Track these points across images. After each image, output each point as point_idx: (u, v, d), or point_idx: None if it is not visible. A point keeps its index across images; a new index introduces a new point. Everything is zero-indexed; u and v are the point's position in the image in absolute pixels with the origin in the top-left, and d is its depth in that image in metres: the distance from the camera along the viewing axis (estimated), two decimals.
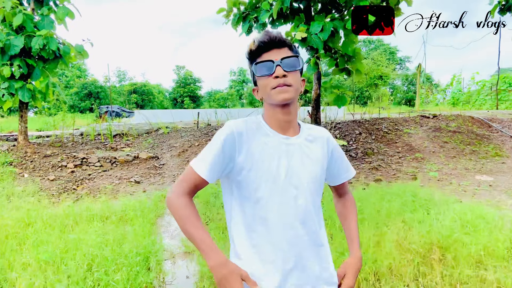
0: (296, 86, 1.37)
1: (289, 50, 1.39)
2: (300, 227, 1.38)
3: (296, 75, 1.38)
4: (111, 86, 43.07)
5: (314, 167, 1.43)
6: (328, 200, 5.80)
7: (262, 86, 1.39)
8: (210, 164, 1.34)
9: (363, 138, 10.96)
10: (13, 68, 9.28)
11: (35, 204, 6.64)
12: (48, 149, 10.47)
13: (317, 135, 1.50)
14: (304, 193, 1.39)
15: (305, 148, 1.44)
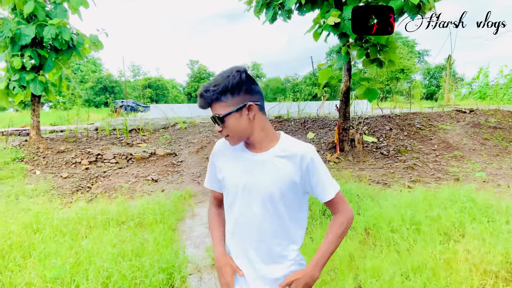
0: (234, 132, 1.51)
1: (219, 102, 1.48)
2: (255, 232, 1.57)
3: (230, 122, 1.48)
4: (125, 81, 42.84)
5: (274, 179, 1.52)
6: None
7: None
8: (208, 176, 1.80)
9: (394, 135, 10.18)
10: (24, 59, 8.78)
11: (45, 205, 6.11)
12: (61, 144, 9.98)
13: (292, 152, 1.53)
14: (260, 204, 1.54)
15: (269, 163, 1.54)
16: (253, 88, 1.51)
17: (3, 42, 8.74)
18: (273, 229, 1.57)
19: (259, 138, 1.55)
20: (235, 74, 1.47)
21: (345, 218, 1.59)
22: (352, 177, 7.59)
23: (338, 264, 3.71)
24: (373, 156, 9.17)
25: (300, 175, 1.53)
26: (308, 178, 1.55)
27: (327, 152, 9.30)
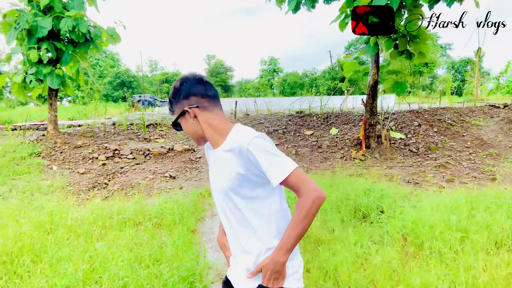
0: (189, 134, 1.71)
1: (172, 112, 1.71)
2: (227, 224, 1.68)
3: (183, 126, 1.70)
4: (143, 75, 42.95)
5: (224, 174, 1.59)
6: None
7: None
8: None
9: (423, 131, 9.64)
10: (41, 52, 8.58)
11: (61, 203, 5.88)
12: (78, 139, 9.81)
13: (233, 145, 1.55)
14: (222, 197, 1.64)
15: (219, 158, 1.63)
16: (190, 92, 1.62)
17: (20, 34, 8.57)
18: (238, 223, 1.62)
19: (210, 136, 1.64)
20: (174, 85, 1.67)
21: (306, 200, 1.46)
22: (380, 176, 7.14)
23: (377, 276, 3.31)
24: (401, 154, 8.68)
25: (245, 166, 1.53)
26: (254, 168, 1.53)
27: (352, 149, 8.85)
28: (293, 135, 9.67)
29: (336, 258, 3.61)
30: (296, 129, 10.00)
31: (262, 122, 10.51)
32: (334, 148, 8.90)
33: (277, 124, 10.19)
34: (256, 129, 1.57)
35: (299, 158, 8.50)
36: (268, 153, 1.50)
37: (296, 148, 9.00)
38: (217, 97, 1.68)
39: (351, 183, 6.20)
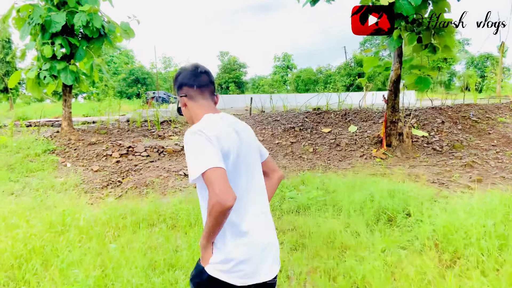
0: (186, 118, 1.83)
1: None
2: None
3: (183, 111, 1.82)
4: (157, 72, 43.02)
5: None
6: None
7: None
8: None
9: (447, 128, 9.25)
10: (55, 47, 8.47)
11: (73, 201, 5.74)
12: (93, 136, 9.71)
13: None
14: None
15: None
16: (182, 82, 1.75)
17: (33, 29, 8.48)
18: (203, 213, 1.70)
19: (194, 123, 1.70)
20: (175, 75, 1.81)
21: (209, 203, 1.45)
22: (403, 176, 6.82)
23: None
24: (424, 152, 8.32)
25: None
26: None
27: (372, 147, 8.52)
28: (310, 132, 9.39)
29: (364, 266, 3.35)
30: (313, 126, 9.71)
31: (277, 119, 10.25)
32: (353, 146, 8.59)
33: (294, 121, 9.92)
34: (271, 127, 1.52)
35: (316, 157, 8.22)
36: (189, 151, 1.55)
37: (313, 146, 8.72)
38: (204, 87, 1.75)
39: (374, 183, 5.91)
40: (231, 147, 1.58)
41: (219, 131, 1.57)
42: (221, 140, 1.55)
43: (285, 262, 3.68)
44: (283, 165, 7.81)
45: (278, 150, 8.67)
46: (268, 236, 1.69)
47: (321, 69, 43.02)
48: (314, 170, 7.44)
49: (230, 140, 1.59)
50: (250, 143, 1.71)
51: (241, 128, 1.71)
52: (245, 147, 1.66)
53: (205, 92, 1.76)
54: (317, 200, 5.27)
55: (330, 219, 4.74)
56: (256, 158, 1.75)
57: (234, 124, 1.70)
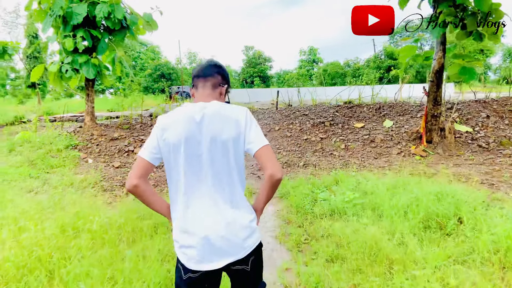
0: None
1: None
2: None
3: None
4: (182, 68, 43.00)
5: None
6: None
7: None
8: None
9: (492, 123, 8.42)
10: (76, 40, 8.22)
11: (91, 200, 5.43)
12: (115, 131, 9.46)
13: None
14: None
15: None
16: (192, 75, 1.89)
17: (55, 22, 8.25)
18: None
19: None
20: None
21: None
22: (448, 176, 6.15)
23: None
24: (469, 149, 7.57)
25: None
26: None
27: (411, 144, 7.84)
28: (342, 127, 8.78)
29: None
30: (344, 121, 9.09)
31: (306, 113, 9.68)
32: (389, 143, 7.93)
33: (323, 116, 9.32)
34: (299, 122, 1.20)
35: (349, 154, 7.62)
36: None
37: (345, 142, 8.12)
38: (200, 77, 1.83)
39: (418, 184, 5.29)
40: (177, 137, 1.62)
41: (168, 122, 1.67)
42: (166, 131, 1.64)
43: (321, 276, 3.18)
44: (312, 162, 7.27)
45: (306, 147, 8.12)
46: (213, 229, 1.64)
47: (348, 63, 41.83)
48: (347, 168, 6.86)
49: (178, 131, 1.63)
50: (215, 134, 1.64)
51: (208, 117, 1.65)
52: (204, 137, 1.64)
53: (202, 81, 1.83)
54: (354, 203, 4.72)
55: (370, 225, 4.19)
56: (220, 150, 1.65)
57: (198, 113, 1.66)
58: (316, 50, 51.37)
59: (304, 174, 6.71)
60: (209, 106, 1.69)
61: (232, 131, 1.65)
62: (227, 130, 1.64)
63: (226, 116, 1.67)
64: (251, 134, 1.68)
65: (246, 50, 50.95)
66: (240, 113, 1.70)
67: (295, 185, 5.83)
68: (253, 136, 1.67)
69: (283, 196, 5.64)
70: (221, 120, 1.66)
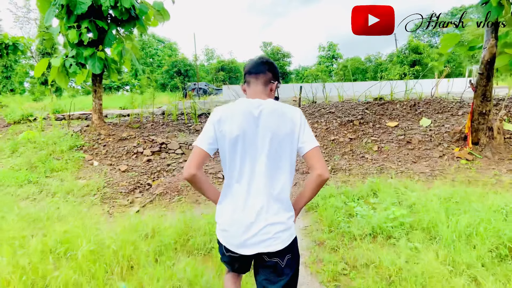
0: None
1: None
2: None
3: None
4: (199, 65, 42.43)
5: None
6: None
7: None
8: None
9: None
10: (81, 31, 7.54)
11: (88, 213, 4.71)
12: (124, 130, 8.78)
13: None
14: None
15: None
16: (244, 71, 1.95)
17: (59, 12, 7.60)
18: None
19: None
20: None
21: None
22: (499, 183, 5.19)
23: None
24: None
25: None
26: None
27: (454, 145, 6.87)
28: (373, 126, 7.85)
29: None
30: (375, 119, 8.15)
31: (332, 111, 8.78)
32: (429, 144, 6.98)
33: (352, 114, 8.40)
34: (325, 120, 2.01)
35: (383, 157, 6.71)
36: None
37: (377, 143, 7.20)
38: (252, 73, 1.87)
39: (480, 197, 4.37)
40: (235, 129, 1.69)
41: (226, 114, 1.73)
42: (224, 123, 1.72)
43: None
44: (341, 166, 6.40)
45: (334, 148, 7.24)
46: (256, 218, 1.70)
47: (370, 58, 40.38)
48: (383, 174, 5.97)
49: (236, 124, 1.70)
50: (272, 130, 1.69)
51: (266, 114, 1.71)
52: (260, 132, 1.70)
53: (253, 77, 1.87)
54: (401, 221, 3.84)
55: (424, 251, 3.33)
56: (275, 145, 1.71)
57: (256, 109, 1.72)
58: (335, 45, 50.00)
59: (334, 181, 5.86)
60: (266, 103, 1.75)
61: (287, 129, 1.71)
62: (283, 127, 1.71)
63: (282, 114, 1.73)
64: (304, 134, 1.74)
65: (264, 46, 50.06)
66: (295, 113, 1.76)
67: (324, 195, 4.98)
68: (306, 137, 1.74)
69: (310, 209, 4.81)
70: (277, 118, 1.71)
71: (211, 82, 40.01)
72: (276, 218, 1.71)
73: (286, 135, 1.71)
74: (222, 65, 43.79)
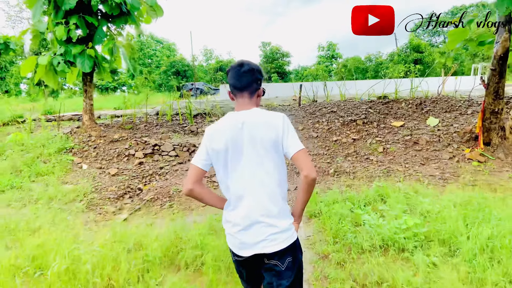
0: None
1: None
2: None
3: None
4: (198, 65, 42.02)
5: None
6: None
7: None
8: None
9: None
10: (69, 27, 7.15)
11: (74, 220, 4.32)
12: (116, 131, 8.38)
13: None
14: None
15: None
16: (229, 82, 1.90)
17: (47, 8, 7.21)
18: None
19: None
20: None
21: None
22: None
23: None
24: None
25: None
26: None
27: (464, 146, 6.48)
28: (377, 126, 7.45)
29: None
30: (380, 119, 7.75)
31: (334, 110, 8.38)
32: (437, 145, 6.59)
33: (355, 113, 8.00)
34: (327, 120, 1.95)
35: (389, 159, 6.31)
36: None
37: (383, 144, 6.81)
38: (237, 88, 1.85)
39: (503, 204, 3.97)
40: (222, 144, 1.76)
41: (214, 132, 1.82)
42: (213, 140, 1.79)
43: None
44: (345, 169, 6.01)
45: (337, 149, 6.85)
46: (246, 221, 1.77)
47: (370, 57, 39.91)
48: (390, 177, 5.58)
49: (223, 138, 1.76)
50: (257, 139, 1.74)
51: (250, 124, 1.76)
52: (246, 142, 1.75)
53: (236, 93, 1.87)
54: (414, 231, 3.44)
55: (442, 267, 2.94)
56: (262, 153, 1.75)
57: (240, 121, 1.77)
58: (335, 45, 49.58)
59: (337, 185, 5.46)
60: (250, 113, 1.80)
61: (272, 136, 1.75)
62: (267, 135, 1.74)
63: (265, 122, 1.77)
64: (288, 139, 1.76)
65: (263, 46, 49.66)
66: (278, 120, 1.78)
67: (327, 200, 4.58)
68: (290, 141, 1.76)
69: (313, 216, 4.41)
70: (261, 126, 1.76)
71: (210, 82, 39.61)
72: (269, 221, 1.76)
73: (271, 142, 1.74)
74: (221, 65, 43.41)
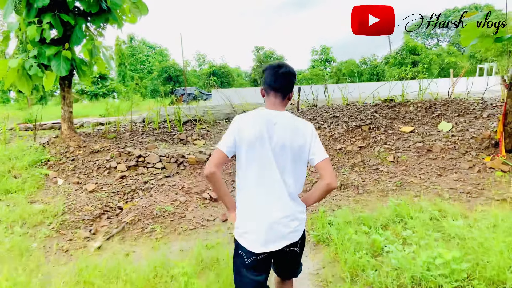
0: None
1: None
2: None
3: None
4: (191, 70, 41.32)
5: None
6: None
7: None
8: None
9: None
10: (42, 27, 6.42)
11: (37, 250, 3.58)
12: (98, 141, 7.62)
13: None
14: None
15: None
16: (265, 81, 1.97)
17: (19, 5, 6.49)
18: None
19: None
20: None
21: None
22: None
23: None
24: None
25: None
26: None
27: (483, 153, 5.82)
28: (384, 132, 6.78)
29: None
30: (387, 124, 7.08)
31: (336, 115, 7.70)
32: (454, 153, 5.92)
33: (359, 118, 7.32)
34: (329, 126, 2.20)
35: (401, 169, 5.63)
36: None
37: (393, 152, 6.13)
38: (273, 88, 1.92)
39: None
40: (253, 135, 1.81)
41: (246, 121, 1.86)
42: (243, 129, 1.84)
43: None
44: (352, 181, 5.31)
45: (342, 159, 6.16)
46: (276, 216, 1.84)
47: (365, 60, 39.46)
48: (405, 191, 4.89)
49: (254, 130, 1.81)
50: (286, 140, 1.82)
51: (282, 125, 1.84)
52: (276, 140, 1.82)
53: (270, 92, 1.93)
54: (453, 268, 2.75)
55: None
56: (288, 154, 1.84)
57: (274, 119, 1.85)
58: (328, 49, 49.20)
59: (345, 201, 4.76)
60: (283, 116, 1.88)
61: (300, 142, 1.85)
62: (295, 140, 1.84)
63: (296, 127, 1.87)
64: (315, 147, 1.88)
65: (256, 51, 49.16)
66: (307, 128, 1.91)
67: (338, 223, 3.87)
68: (317, 149, 1.87)
69: (321, 241, 3.70)
70: (291, 131, 1.85)
71: (203, 88, 38.89)
72: (294, 214, 1.88)
73: (298, 146, 1.85)
74: (214, 70, 42.77)
